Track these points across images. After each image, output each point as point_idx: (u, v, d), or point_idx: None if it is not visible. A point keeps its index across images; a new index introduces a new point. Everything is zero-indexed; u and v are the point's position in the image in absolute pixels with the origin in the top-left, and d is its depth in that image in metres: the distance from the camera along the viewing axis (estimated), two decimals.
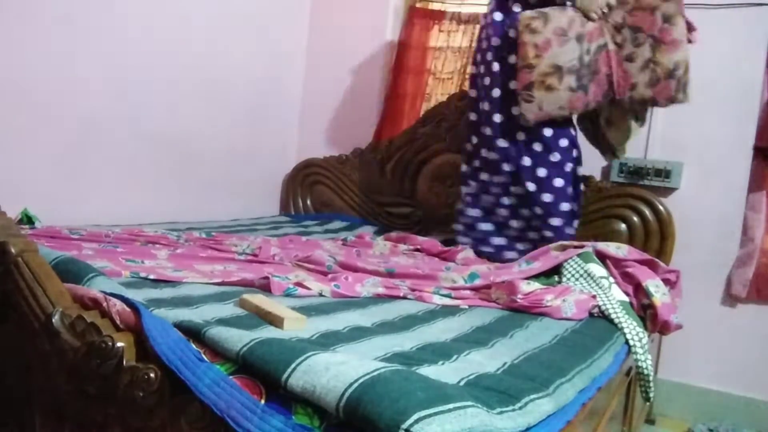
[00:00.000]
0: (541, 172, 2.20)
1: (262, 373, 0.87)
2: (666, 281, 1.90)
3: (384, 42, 3.11)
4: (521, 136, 2.21)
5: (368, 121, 3.12)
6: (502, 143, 2.23)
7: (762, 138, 2.41)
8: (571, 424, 1.01)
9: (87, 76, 2.22)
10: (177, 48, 2.54)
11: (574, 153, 2.27)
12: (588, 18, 2.09)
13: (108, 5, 2.26)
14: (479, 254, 2.32)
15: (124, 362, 0.92)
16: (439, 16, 3.03)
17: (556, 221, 2.22)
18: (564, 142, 2.22)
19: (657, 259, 1.97)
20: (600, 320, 1.60)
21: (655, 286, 1.77)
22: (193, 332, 0.99)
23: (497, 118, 2.24)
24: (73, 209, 2.19)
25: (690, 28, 2.07)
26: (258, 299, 1.30)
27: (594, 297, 1.65)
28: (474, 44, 2.51)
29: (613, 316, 1.61)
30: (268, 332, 1.11)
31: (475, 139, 2.36)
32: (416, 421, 0.73)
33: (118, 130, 2.36)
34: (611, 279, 1.76)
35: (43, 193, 2.10)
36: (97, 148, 2.29)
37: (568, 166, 2.23)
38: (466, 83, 2.94)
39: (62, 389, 1.00)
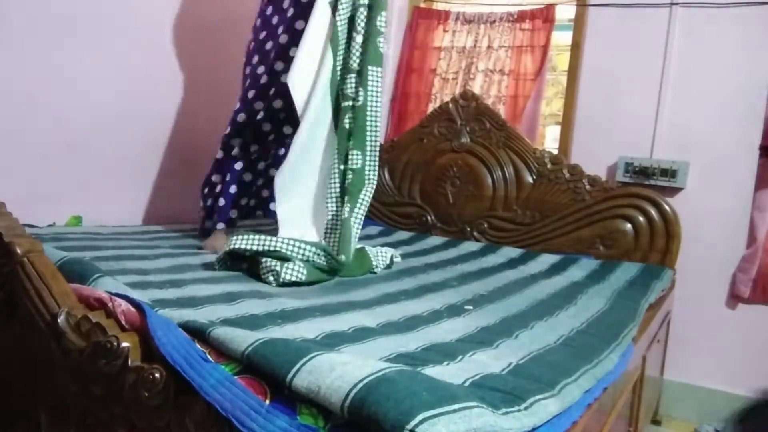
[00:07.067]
0: None
1: (267, 373, 0.86)
2: None
3: (388, 42, 3.11)
4: None
5: None
6: None
7: None
8: (576, 425, 1.01)
9: (89, 76, 2.22)
10: (178, 48, 2.54)
11: None
12: None
13: (110, 5, 2.27)
14: None
15: (129, 362, 0.92)
16: (443, 16, 3.03)
17: None
18: None
19: None
20: (605, 320, 1.59)
21: None
22: (198, 332, 0.99)
23: None
24: (73, 209, 2.19)
25: None
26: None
27: None
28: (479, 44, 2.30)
29: None
30: (273, 332, 1.11)
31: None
32: (421, 422, 0.73)
33: (120, 130, 2.37)
34: None
35: (44, 193, 2.11)
36: (98, 148, 2.30)
37: None
38: (471, 83, 2.95)
39: (68, 389, 1.00)
